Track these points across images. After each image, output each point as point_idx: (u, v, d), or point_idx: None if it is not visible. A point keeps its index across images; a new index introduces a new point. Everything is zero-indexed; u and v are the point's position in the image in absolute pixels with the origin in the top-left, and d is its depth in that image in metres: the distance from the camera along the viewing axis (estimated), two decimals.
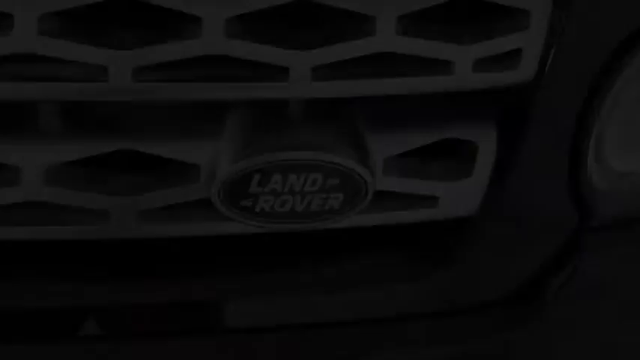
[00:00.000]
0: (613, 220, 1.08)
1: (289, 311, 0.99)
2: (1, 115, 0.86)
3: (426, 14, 0.88)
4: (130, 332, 0.97)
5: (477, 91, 0.94)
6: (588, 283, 1.07)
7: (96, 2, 0.80)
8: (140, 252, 0.97)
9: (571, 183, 1.03)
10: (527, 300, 1.05)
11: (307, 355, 0.99)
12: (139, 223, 0.91)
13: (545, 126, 0.98)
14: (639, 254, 1.11)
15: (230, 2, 0.82)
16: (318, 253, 1.01)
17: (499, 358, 1.05)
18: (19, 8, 0.79)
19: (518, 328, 1.04)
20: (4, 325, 0.94)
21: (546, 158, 1.01)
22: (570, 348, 1.10)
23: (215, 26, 0.83)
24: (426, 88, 0.91)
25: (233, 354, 0.98)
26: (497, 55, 0.91)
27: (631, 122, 1.04)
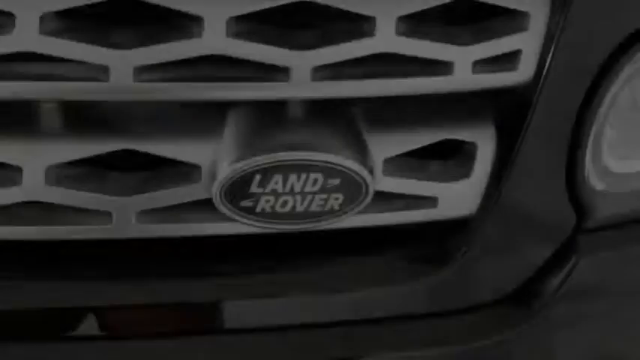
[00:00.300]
0: (610, 220, 1.08)
1: (289, 311, 0.99)
2: (2, 114, 0.86)
3: (426, 15, 0.88)
4: (129, 332, 0.97)
5: (477, 91, 0.94)
6: (586, 284, 1.07)
7: (97, 2, 0.80)
8: (140, 252, 0.96)
9: (569, 184, 1.03)
10: (525, 300, 1.05)
11: (307, 355, 0.99)
12: (140, 223, 0.91)
13: (543, 127, 0.98)
14: (636, 255, 1.11)
15: (231, 2, 0.82)
16: (318, 254, 1.01)
17: (498, 358, 1.05)
18: (21, 7, 0.79)
19: (516, 328, 1.04)
20: (4, 325, 0.94)
21: (544, 159, 1.01)
22: (569, 348, 1.10)
23: (216, 26, 0.83)
24: (426, 88, 0.91)
25: (233, 354, 0.97)
26: (496, 56, 0.92)
27: (628, 123, 1.04)
